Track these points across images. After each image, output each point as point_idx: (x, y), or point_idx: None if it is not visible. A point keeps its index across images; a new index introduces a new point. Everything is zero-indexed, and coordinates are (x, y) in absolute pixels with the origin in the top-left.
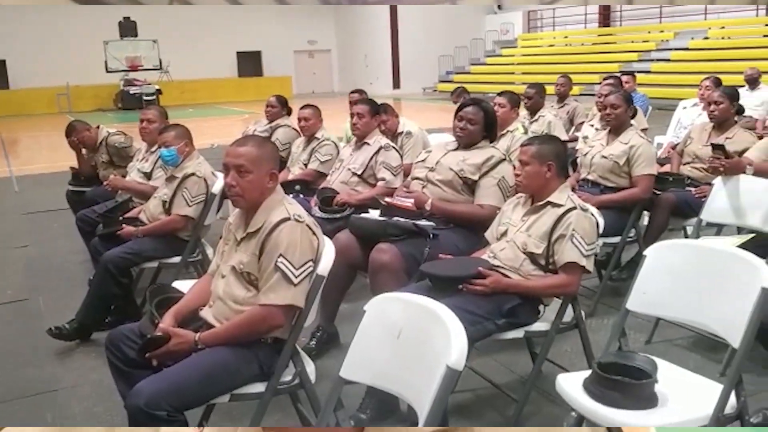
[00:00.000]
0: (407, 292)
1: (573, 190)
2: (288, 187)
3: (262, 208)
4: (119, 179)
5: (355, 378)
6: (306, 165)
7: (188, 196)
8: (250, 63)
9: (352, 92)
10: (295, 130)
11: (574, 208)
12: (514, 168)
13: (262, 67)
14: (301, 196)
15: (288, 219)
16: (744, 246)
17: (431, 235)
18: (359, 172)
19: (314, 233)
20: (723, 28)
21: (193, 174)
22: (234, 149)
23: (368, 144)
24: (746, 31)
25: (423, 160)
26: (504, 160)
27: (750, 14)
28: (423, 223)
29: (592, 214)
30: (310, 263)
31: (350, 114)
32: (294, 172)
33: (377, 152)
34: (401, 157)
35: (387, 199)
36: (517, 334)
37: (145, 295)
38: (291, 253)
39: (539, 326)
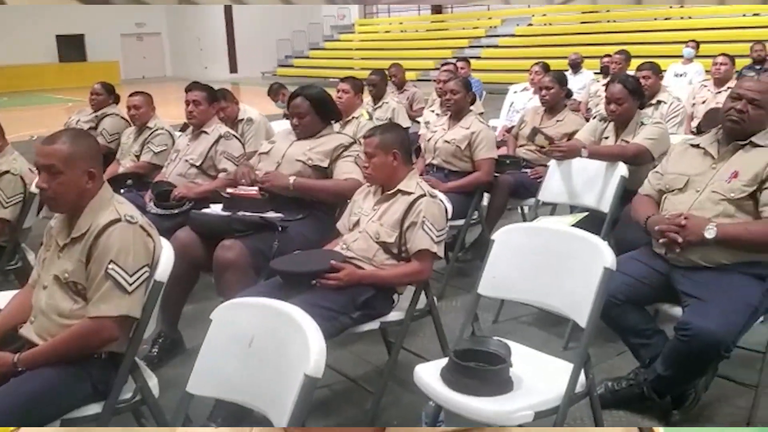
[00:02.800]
0: (257, 292)
1: (421, 175)
2: (119, 181)
3: (87, 209)
4: None
5: (205, 392)
6: (138, 157)
7: (2, 197)
8: (72, 47)
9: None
10: (124, 119)
11: (424, 195)
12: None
13: (86, 52)
14: (134, 191)
15: (118, 220)
16: (578, 224)
17: (280, 228)
18: (198, 164)
19: (149, 235)
20: (545, 15)
21: (7, 172)
22: (43, 147)
23: (206, 133)
24: (566, 18)
25: (267, 153)
26: (354, 142)
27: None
28: (270, 215)
29: (441, 201)
30: (146, 269)
31: (185, 102)
32: (125, 165)
33: (217, 141)
34: (243, 145)
35: (229, 190)
36: (373, 325)
37: None
38: (123, 258)
39: (394, 315)
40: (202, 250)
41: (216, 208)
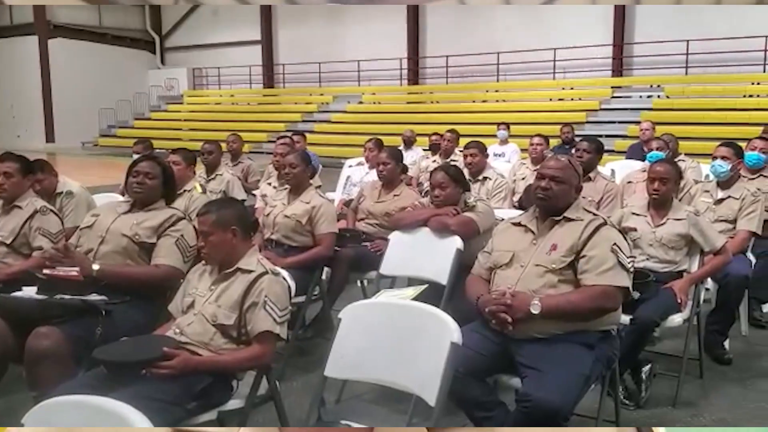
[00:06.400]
0: (77, 386)
1: (259, 251)
2: None
3: None
4: None
5: None
6: None
7: None
8: None
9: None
10: None
11: (266, 272)
12: (197, 236)
13: None
14: None
15: None
16: (419, 297)
17: (103, 312)
18: (8, 241)
19: None
20: (374, 94)
21: None
22: None
23: (19, 207)
24: (393, 97)
25: (90, 227)
26: (184, 218)
27: (395, 83)
28: (93, 298)
29: (284, 278)
30: None
31: None
32: None
33: (31, 217)
34: (62, 221)
35: (46, 271)
36: (211, 416)
37: None
38: None
39: (233, 404)
40: (11, 338)
41: (29, 291)
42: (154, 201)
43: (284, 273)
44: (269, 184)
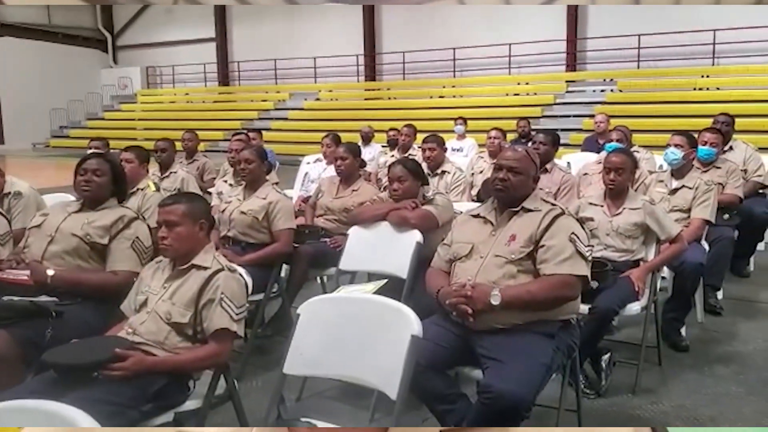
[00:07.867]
0: (26, 391)
1: (216, 249)
2: None
3: None
4: None
5: None
6: None
7: None
8: None
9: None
10: None
11: (221, 269)
12: (158, 230)
13: None
14: None
15: None
16: (379, 291)
17: (54, 314)
18: None
19: None
20: (331, 91)
21: None
22: None
23: None
24: (350, 94)
25: (38, 226)
26: (137, 218)
27: (352, 79)
28: (43, 299)
29: (241, 275)
30: None
31: None
32: None
33: None
34: (9, 222)
35: None
36: (167, 417)
37: None
38: None
39: (190, 404)
40: None
41: None
42: (104, 199)
43: (241, 270)
44: (225, 181)
